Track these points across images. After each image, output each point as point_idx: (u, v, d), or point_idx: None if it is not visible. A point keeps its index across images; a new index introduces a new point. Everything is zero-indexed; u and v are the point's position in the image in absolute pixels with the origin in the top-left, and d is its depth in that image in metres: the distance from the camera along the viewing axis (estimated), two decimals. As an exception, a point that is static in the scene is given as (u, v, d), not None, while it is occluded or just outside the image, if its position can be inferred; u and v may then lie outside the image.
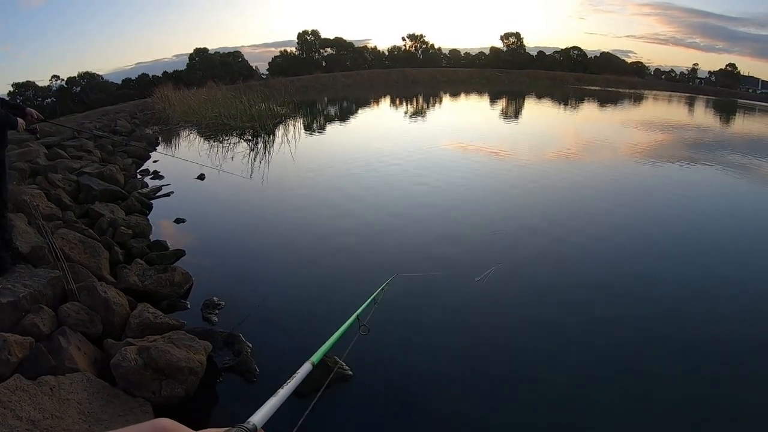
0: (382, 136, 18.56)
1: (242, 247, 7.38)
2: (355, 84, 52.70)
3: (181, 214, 8.57)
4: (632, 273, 6.30)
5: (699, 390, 4.09)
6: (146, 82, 50.34)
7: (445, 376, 4.25)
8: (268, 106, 21.10)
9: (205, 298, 5.48)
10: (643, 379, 4.14)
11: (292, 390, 1.14)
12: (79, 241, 5.93)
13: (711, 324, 5.15)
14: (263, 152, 14.91)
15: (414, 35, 70.92)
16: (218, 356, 4.40)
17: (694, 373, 4.29)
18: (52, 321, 4.17)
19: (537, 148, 15.33)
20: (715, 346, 4.74)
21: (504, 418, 3.78)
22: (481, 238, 7.45)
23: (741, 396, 4.01)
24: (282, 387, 1.12)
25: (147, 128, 20.62)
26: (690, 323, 5.14)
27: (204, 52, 61.07)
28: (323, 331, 5.02)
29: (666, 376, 4.19)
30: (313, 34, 66.84)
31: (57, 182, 8.62)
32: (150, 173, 12.21)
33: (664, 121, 25.46)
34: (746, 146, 17.93)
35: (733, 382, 4.18)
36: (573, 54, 72.63)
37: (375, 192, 9.97)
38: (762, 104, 46.45)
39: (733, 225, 8.47)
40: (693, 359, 4.50)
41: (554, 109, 32.03)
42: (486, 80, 57.52)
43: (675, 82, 70.04)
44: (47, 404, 3.17)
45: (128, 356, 3.67)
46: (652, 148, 16.08)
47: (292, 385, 1.17)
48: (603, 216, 8.49)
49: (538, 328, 5.00)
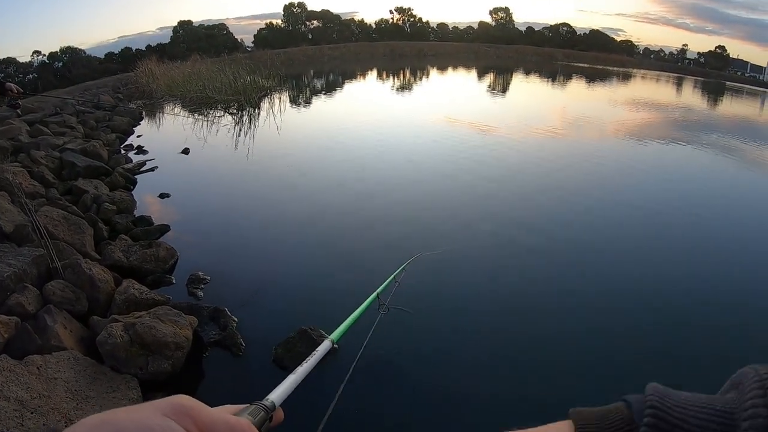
0: (368, 109, 18.49)
1: (227, 221, 7.36)
2: (341, 57, 52.14)
3: (166, 189, 8.52)
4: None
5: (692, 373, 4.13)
6: (129, 56, 49.50)
7: (468, 359, 4.22)
8: (253, 79, 20.86)
9: (191, 273, 5.48)
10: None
11: (311, 368, 1.13)
12: (63, 219, 5.89)
13: (704, 306, 5.21)
14: (248, 126, 14.79)
15: (402, 8, 70.31)
16: (204, 331, 4.43)
17: (686, 355, 4.37)
18: (38, 300, 4.17)
19: (553, 128, 15.30)
20: (709, 328, 4.80)
21: (531, 400, 3.70)
22: (504, 214, 7.47)
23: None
24: (301, 365, 1.11)
25: (130, 103, 20.31)
26: (687, 308, 5.18)
27: (188, 25, 60.10)
28: (309, 304, 5.06)
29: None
30: (300, 6, 65.99)
31: (40, 159, 8.52)
32: (134, 148, 12.06)
33: (653, 100, 25.58)
34: (733, 128, 18.11)
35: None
36: (562, 30, 72.36)
37: (360, 165, 9.96)
38: (750, 87, 46.85)
39: (720, 206, 8.59)
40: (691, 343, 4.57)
41: (549, 86, 31.97)
42: (474, 55, 57.17)
43: (664, 62, 70.13)
44: (34, 384, 3.19)
45: (114, 333, 3.69)
46: (652, 127, 16.16)
47: (311, 363, 1.15)
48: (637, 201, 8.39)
49: (565, 307, 4.98)
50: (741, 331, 4.71)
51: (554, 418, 0.55)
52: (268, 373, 4.02)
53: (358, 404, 3.56)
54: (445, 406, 3.71)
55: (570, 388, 3.81)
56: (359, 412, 3.51)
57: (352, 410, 3.48)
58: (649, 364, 4.10)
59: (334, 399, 1.49)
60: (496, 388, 3.86)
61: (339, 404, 1.47)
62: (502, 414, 3.59)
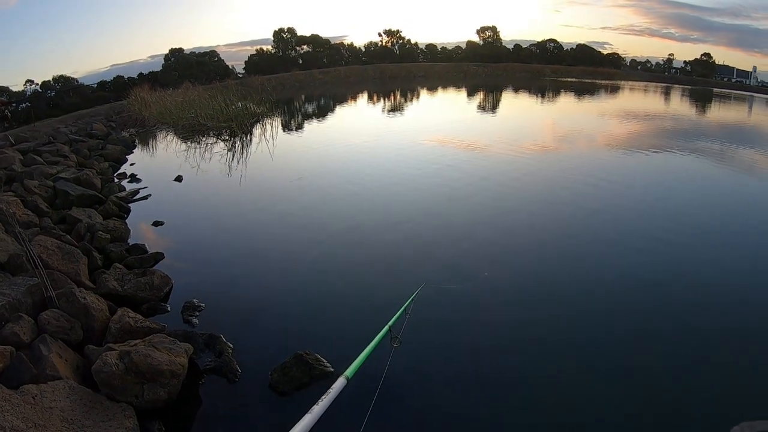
0: (360, 133, 18.51)
1: (221, 248, 7.38)
2: (332, 81, 52.52)
3: (159, 216, 8.55)
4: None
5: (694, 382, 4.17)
6: (122, 84, 49.48)
7: (487, 393, 4.09)
8: (245, 105, 21.00)
9: (185, 301, 5.51)
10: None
11: (326, 407, 1.12)
12: (57, 248, 5.91)
13: (706, 315, 5.25)
14: (241, 152, 14.87)
15: (390, 31, 70.72)
16: (200, 358, 4.43)
17: (690, 365, 4.40)
18: (33, 329, 4.17)
19: (542, 148, 15.32)
20: (711, 337, 4.84)
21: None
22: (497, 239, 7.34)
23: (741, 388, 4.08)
24: (317, 404, 1.10)
25: (123, 131, 20.45)
26: (696, 314, 5.25)
27: (179, 53, 60.29)
28: (304, 328, 5.05)
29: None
30: (290, 32, 66.34)
31: (33, 189, 8.55)
32: (127, 176, 12.14)
33: (644, 111, 25.79)
34: (724, 134, 18.32)
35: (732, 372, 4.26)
36: (549, 46, 72.89)
37: (354, 189, 10.00)
38: (737, 92, 47.46)
39: (721, 212, 8.68)
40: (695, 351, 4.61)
41: (540, 102, 32.21)
42: (463, 74, 57.60)
43: (651, 73, 70.62)
44: (30, 413, 3.18)
45: (109, 361, 3.69)
46: (645, 138, 16.29)
47: (327, 401, 1.14)
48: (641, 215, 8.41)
49: (576, 338, 4.87)
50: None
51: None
52: (265, 399, 4.02)
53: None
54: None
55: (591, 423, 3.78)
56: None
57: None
58: (664, 407, 4.07)
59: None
60: (513, 421, 3.79)
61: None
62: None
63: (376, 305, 5.18)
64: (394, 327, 2.29)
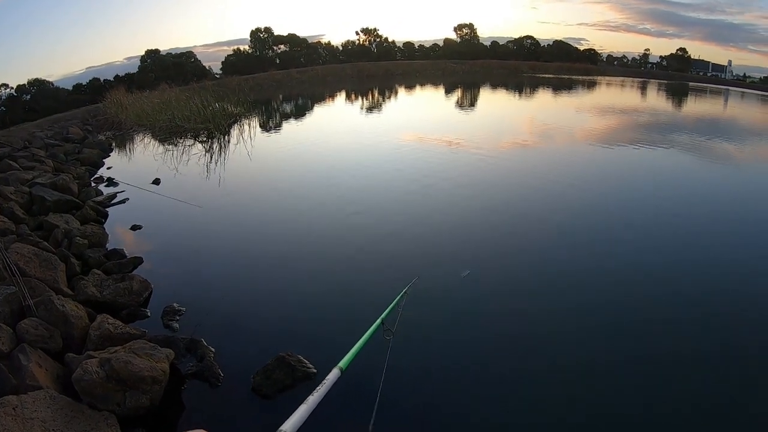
0: (338, 131, 18.59)
1: (200, 251, 7.36)
2: (309, 80, 52.25)
3: (138, 220, 8.49)
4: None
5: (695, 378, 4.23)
6: (98, 86, 48.87)
7: (481, 383, 4.18)
8: (222, 106, 20.89)
9: (165, 305, 5.49)
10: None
11: (321, 397, 1.14)
12: (35, 255, 5.84)
13: (704, 306, 5.37)
14: (219, 153, 14.81)
15: (368, 29, 70.65)
16: (182, 363, 4.42)
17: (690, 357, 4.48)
18: (11, 339, 4.12)
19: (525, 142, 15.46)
20: (712, 329, 4.96)
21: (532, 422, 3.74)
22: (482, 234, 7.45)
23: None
24: (312, 394, 1.12)
25: (100, 134, 20.22)
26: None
27: (156, 54, 59.63)
28: (286, 330, 5.03)
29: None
30: (266, 32, 65.98)
31: (9, 195, 8.43)
32: (104, 180, 12.02)
33: (620, 106, 26.09)
34: (699, 126, 18.68)
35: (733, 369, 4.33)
36: (526, 43, 73.37)
37: (334, 188, 10.02)
38: (713, 86, 48.30)
39: (706, 205, 8.93)
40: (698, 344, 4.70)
41: (519, 98, 32.40)
42: (441, 71, 57.67)
43: (627, 68, 71.39)
44: (10, 425, 3.16)
45: (90, 369, 3.67)
46: (634, 132, 16.52)
47: (322, 392, 1.17)
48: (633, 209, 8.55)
49: (571, 329, 4.92)
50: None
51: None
52: (248, 402, 4.03)
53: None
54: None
55: (585, 413, 3.83)
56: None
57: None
58: (660, 397, 4.13)
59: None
60: (503, 415, 3.84)
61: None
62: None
63: (359, 305, 5.20)
64: (387, 320, 2.33)
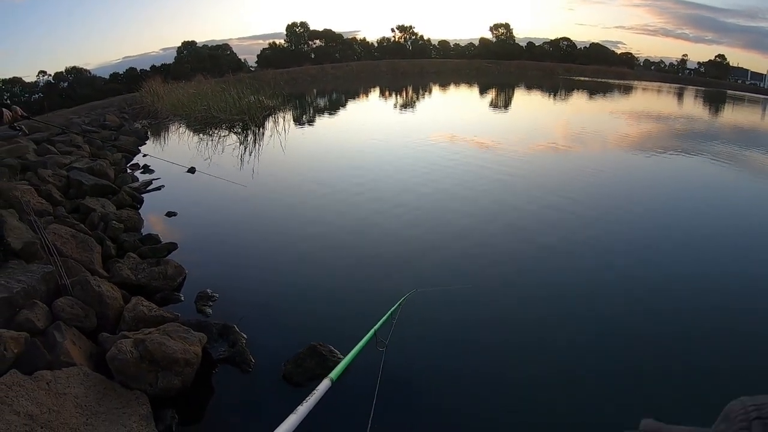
0: (372, 128, 18.47)
1: (234, 239, 7.38)
2: (344, 76, 52.40)
3: (172, 207, 8.56)
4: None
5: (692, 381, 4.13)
6: (134, 76, 49.75)
7: (474, 397, 4.00)
8: (257, 98, 21.01)
9: (199, 291, 5.49)
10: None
11: (311, 407, 1.12)
12: (71, 236, 5.92)
13: (707, 318, 5.18)
14: (253, 145, 14.87)
15: (403, 26, 70.76)
16: (213, 348, 4.41)
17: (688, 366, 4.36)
18: (47, 316, 4.17)
19: (553, 149, 15.25)
20: (710, 338, 4.80)
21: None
22: (505, 246, 7.07)
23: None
24: (302, 404, 1.10)
25: (136, 122, 20.50)
26: (695, 318, 5.17)
27: (192, 46, 60.49)
28: (318, 320, 5.00)
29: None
30: (302, 26, 66.47)
31: (47, 178, 8.58)
32: (140, 167, 12.16)
33: (656, 112, 25.60)
34: (738, 136, 18.20)
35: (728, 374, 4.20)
36: (562, 45, 72.69)
37: (365, 185, 9.96)
38: (751, 95, 47.04)
39: (730, 217, 8.56)
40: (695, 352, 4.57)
41: (554, 101, 32.03)
42: (476, 71, 57.39)
43: (664, 73, 70.23)
44: (44, 399, 3.18)
45: (124, 349, 3.68)
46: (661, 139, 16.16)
47: (311, 402, 1.15)
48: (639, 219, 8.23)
49: (567, 342, 4.73)
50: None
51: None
52: (278, 390, 4.00)
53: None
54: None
55: (581, 423, 3.71)
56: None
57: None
58: (656, 398, 4.05)
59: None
60: (503, 429, 3.70)
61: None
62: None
63: (391, 299, 5.13)
64: (380, 332, 2.28)
